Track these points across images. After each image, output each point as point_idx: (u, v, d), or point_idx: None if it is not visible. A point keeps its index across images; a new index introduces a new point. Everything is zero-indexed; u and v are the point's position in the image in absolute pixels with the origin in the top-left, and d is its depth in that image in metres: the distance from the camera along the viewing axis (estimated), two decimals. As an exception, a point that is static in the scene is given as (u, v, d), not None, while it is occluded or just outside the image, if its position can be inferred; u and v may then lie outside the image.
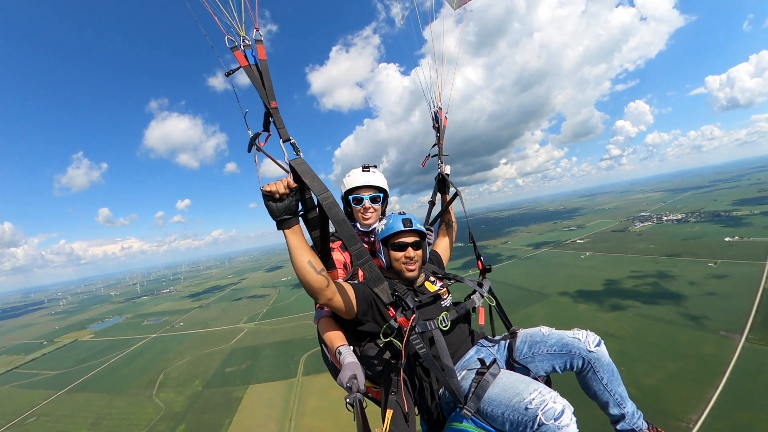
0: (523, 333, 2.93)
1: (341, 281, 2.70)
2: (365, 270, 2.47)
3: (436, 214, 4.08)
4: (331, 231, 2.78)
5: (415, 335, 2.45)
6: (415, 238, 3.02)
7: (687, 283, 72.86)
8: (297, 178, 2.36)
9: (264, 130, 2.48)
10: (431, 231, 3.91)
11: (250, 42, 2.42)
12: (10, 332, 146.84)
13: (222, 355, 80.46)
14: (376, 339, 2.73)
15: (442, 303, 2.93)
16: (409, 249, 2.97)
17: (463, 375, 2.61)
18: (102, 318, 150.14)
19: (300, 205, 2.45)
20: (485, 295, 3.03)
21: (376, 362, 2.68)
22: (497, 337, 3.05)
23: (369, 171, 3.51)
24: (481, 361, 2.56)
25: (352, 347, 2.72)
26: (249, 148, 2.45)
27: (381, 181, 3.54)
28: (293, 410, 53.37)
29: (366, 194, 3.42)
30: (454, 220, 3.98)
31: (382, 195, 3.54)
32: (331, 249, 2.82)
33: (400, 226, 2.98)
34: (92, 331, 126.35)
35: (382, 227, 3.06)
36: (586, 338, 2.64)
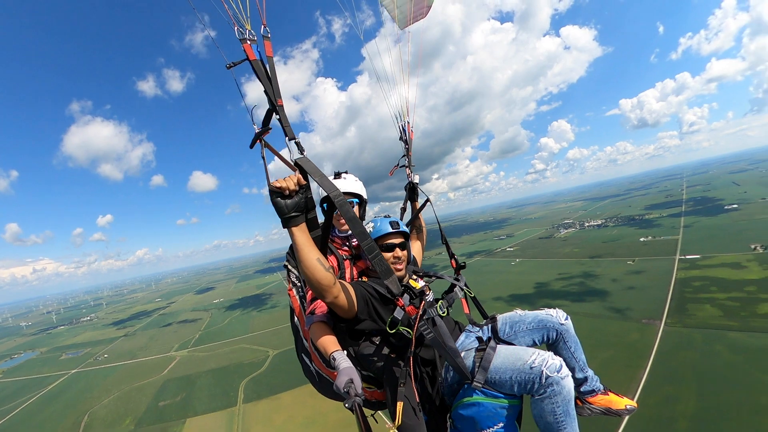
0: (502, 317, 3.21)
1: (340, 281, 2.71)
2: (376, 264, 2.60)
3: (406, 221, 4.25)
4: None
5: (423, 321, 2.65)
6: (402, 239, 3.27)
7: (610, 280, 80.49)
8: (303, 177, 2.41)
9: (263, 126, 2.59)
10: None
11: (256, 37, 2.49)
12: None
13: (154, 388, 73.21)
14: (372, 337, 2.93)
15: (427, 298, 3.01)
16: (397, 249, 3.20)
17: (463, 355, 2.76)
18: (11, 354, 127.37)
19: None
20: (464, 288, 3.30)
21: (376, 359, 2.84)
22: (481, 323, 3.26)
23: (341, 177, 3.53)
24: (479, 339, 2.92)
25: (346, 351, 2.79)
26: (252, 144, 2.57)
27: (355, 187, 3.56)
28: (237, 441, 49.75)
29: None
30: (424, 225, 4.25)
31: (357, 200, 3.54)
32: None
33: (389, 228, 3.22)
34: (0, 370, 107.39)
35: (369, 230, 3.21)
36: (557, 314, 3.06)
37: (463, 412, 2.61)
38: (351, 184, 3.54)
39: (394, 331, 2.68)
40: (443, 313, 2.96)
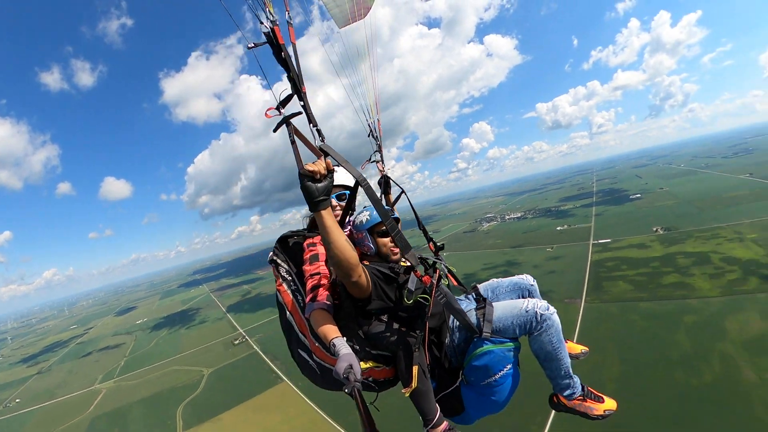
0: (481, 285, 3.68)
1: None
2: (397, 240, 2.90)
3: None
4: (297, 229, 3.68)
5: (439, 288, 2.95)
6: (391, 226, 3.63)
7: (531, 266, 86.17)
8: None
9: (280, 110, 2.78)
10: None
11: (279, 22, 2.55)
12: None
13: (80, 430, 63.13)
14: (381, 316, 3.10)
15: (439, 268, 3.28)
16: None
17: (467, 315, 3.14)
18: None
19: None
20: (446, 266, 3.35)
21: (388, 334, 3.04)
22: (465, 293, 3.66)
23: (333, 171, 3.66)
24: (477, 300, 3.34)
25: (360, 330, 3.07)
26: (276, 129, 2.67)
27: (344, 179, 3.66)
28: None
29: (332, 193, 3.47)
30: (398, 215, 4.27)
31: (348, 192, 3.60)
32: (313, 244, 3.32)
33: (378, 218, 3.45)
34: None
35: (366, 218, 3.41)
36: (526, 278, 3.60)
37: (477, 363, 2.99)
38: (340, 176, 3.62)
39: (411, 301, 2.85)
40: (446, 284, 3.15)
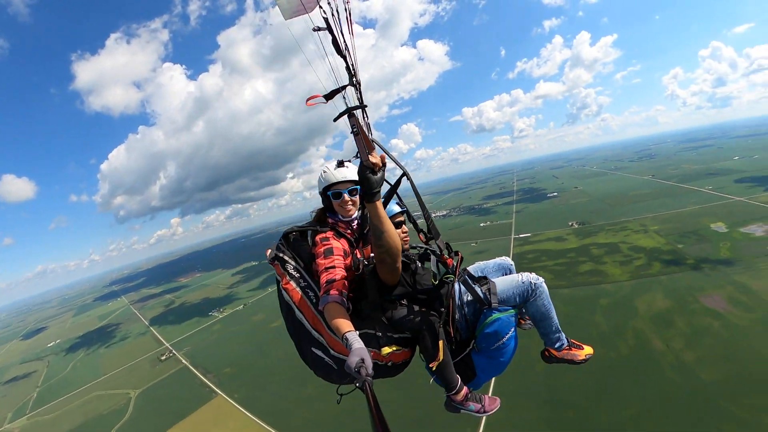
0: (471, 268, 3.93)
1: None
2: (432, 228, 3.53)
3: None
4: (300, 224, 3.66)
5: (461, 269, 3.44)
6: (404, 217, 4.10)
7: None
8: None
9: (328, 99, 2.94)
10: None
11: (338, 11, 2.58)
12: None
13: None
14: (401, 301, 3.34)
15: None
16: (403, 226, 4.00)
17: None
18: None
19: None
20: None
21: (412, 316, 3.28)
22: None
23: (344, 166, 3.63)
24: (481, 278, 3.57)
25: (370, 327, 3.25)
26: (337, 118, 2.71)
27: (355, 175, 3.77)
28: None
29: (344, 188, 3.54)
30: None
31: (359, 187, 3.60)
32: (326, 238, 3.33)
33: (397, 209, 4.00)
34: None
35: None
36: (506, 259, 4.09)
37: (488, 330, 3.38)
38: (354, 172, 3.62)
39: (438, 281, 3.35)
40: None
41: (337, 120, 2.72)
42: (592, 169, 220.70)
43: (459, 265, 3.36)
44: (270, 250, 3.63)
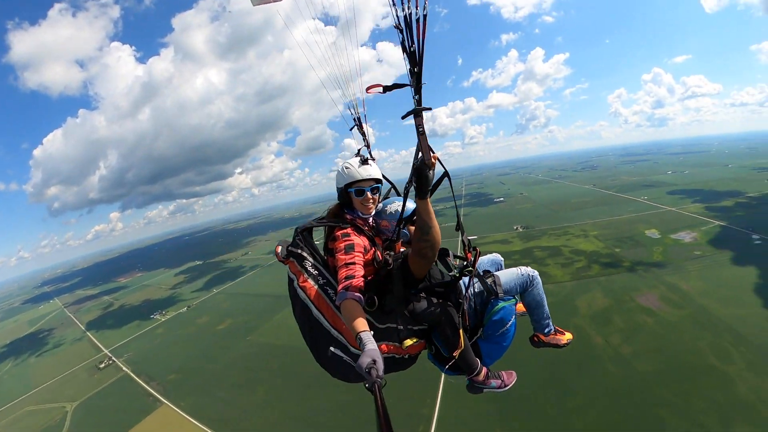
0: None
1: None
2: (461, 224, 3.63)
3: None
4: (315, 218, 3.87)
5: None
6: None
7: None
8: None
9: (386, 91, 2.90)
10: None
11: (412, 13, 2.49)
12: None
13: None
14: (420, 294, 3.48)
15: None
16: None
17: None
18: None
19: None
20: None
21: (432, 308, 3.44)
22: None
23: (368, 164, 3.67)
24: (485, 272, 3.87)
25: (391, 320, 3.36)
26: (405, 116, 2.74)
27: (379, 173, 3.78)
28: None
29: (367, 186, 3.62)
30: None
31: (380, 186, 3.82)
32: (347, 234, 3.40)
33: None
34: None
35: (399, 208, 3.57)
36: (497, 255, 4.38)
37: (495, 318, 3.61)
38: (377, 170, 3.75)
39: (458, 274, 3.56)
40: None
41: (405, 118, 2.71)
42: (538, 177, 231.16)
43: (476, 259, 3.55)
44: (280, 247, 3.70)
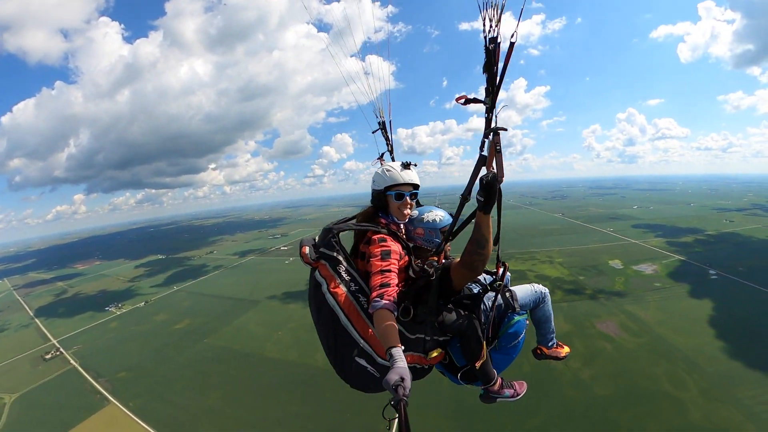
0: (480, 277, 4.13)
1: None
2: (497, 234, 3.29)
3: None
4: (342, 219, 3.91)
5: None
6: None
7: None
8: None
9: (466, 103, 3.02)
10: None
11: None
12: None
13: None
14: (449, 305, 3.51)
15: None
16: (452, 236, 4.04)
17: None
18: None
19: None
20: None
21: (460, 320, 3.46)
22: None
23: (410, 169, 3.63)
24: (504, 287, 3.76)
25: (421, 331, 3.35)
26: (486, 135, 2.86)
27: (418, 179, 3.72)
28: None
29: (407, 191, 3.58)
30: None
31: (418, 192, 3.78)
32: (384, 239, 3.29)
33: (450, 219, 3.80)
34: None
35: (439, 218, 3.76)
36: (503, 272, 3.94)
37: (511, 330, 3.77)
38: (417, 176, 3.69)
39: (487, 288, 3.67)
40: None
41: (486, 136, 2.76)
42: (509, 202, 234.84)
43: (504, 273, 3.61)
44: (307, 248, 3.52)
